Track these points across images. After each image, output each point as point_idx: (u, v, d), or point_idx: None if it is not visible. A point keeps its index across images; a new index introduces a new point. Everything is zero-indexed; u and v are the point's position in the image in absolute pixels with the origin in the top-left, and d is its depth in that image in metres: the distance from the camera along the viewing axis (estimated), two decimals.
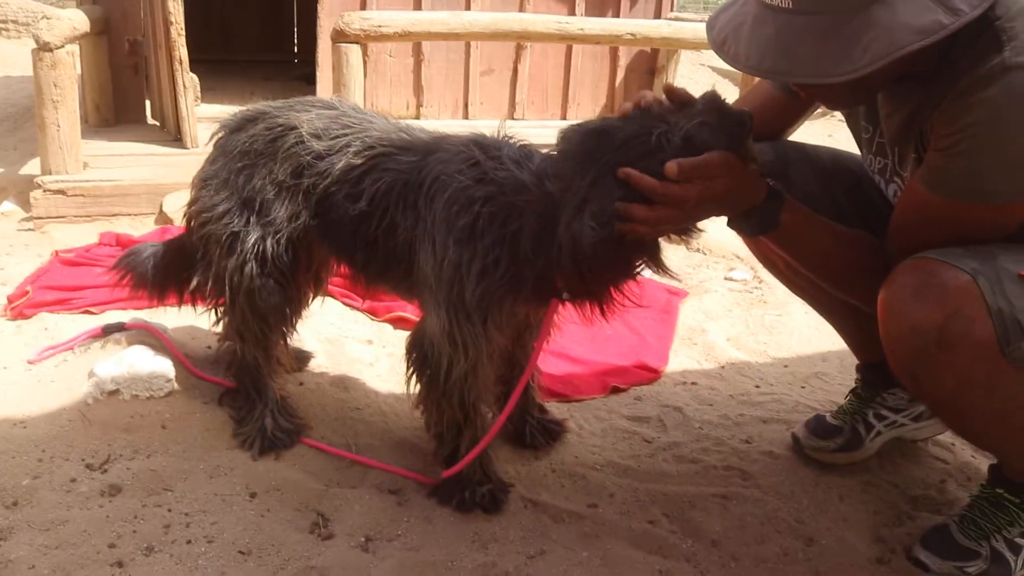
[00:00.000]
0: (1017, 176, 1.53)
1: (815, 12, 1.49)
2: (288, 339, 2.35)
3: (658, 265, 1.77)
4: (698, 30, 5.08)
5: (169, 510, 1.91)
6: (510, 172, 1.80)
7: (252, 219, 2.06)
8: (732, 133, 1.65)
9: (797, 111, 2.15)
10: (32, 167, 4.50)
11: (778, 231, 1.78)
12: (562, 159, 1.72)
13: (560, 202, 1.68)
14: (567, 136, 1.72)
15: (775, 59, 1.53)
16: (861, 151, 2.02)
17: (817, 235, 1.82)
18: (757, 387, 2.73)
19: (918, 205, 1.67)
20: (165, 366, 2.32)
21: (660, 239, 1.75)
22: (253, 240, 2.05)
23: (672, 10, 6.86)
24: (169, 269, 2.41)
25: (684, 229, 1.75)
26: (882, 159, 1.90)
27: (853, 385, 2.37)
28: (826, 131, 6.66)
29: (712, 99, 1.67)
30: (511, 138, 1.91)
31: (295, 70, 9.62)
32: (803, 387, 2.76)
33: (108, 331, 2.57)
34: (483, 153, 1.85)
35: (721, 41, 1.65)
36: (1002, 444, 1.81)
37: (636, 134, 1.63)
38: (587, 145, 1.67)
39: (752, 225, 1.79)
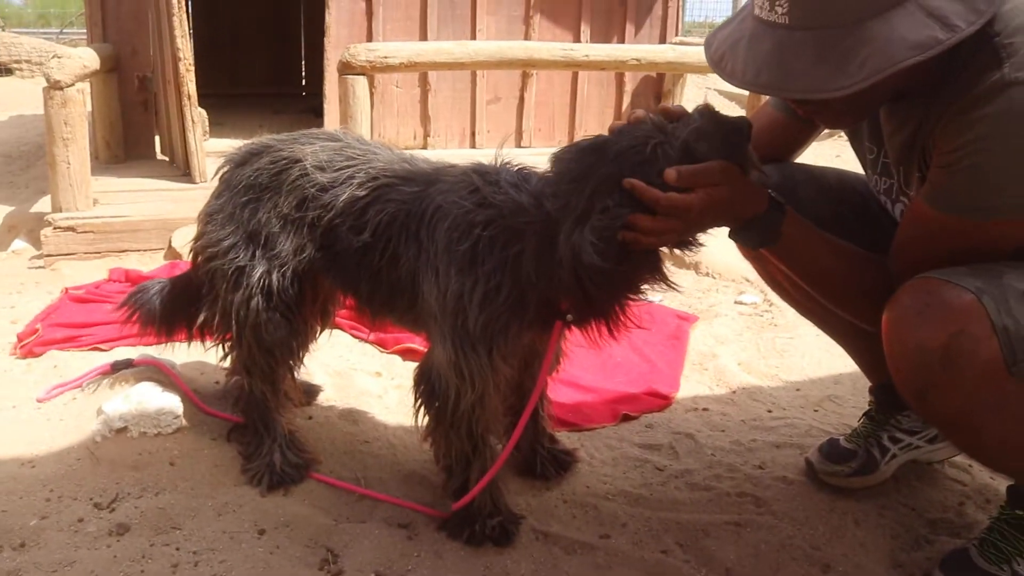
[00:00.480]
0: (1015, 192, 1.52)
1: (812, 27, 1.49)
2: (296, 373, 2.34)
3: (661, 278, 1.76)
4: (703, 55, 5.09)
5: (177, 549, 1.90)
6: (508, 195, 1.79)
7: (258, 253, 2.06)
8: (730, 141, 1.65)
9: (803, 134, 2.14)
10: (43, 205, 4.54)
11: (779, 244, 1.77)
12: (558, 177, 1.72)
13: (559, 220, 1.67)
14: (561, 155, 1.73)
15: (771, 74, 1.53)
16: (866, 172, 2.01)
17: (819, 250, 1.81)
18: (769, 412, 2.70)
19: (921, 222, 1.66)
20: (173, 402, 2.32)
21: (662, 252, 1.74)
22: (259, 274, 2.05)
23: (677, 35, 6.89)
24: (177, 305, 2.41)
25: (685, 241, 1.75)
26: (887, 179, 1.89)
27: (867, 407, 2.34)
28: (833, 151, 6.64)
29: (708, 110, 1.67)
30: (509, 163, 1.90)
31: (303, 103, 9.72)
32: (816, 410, 2.73)
33: (117, 368, 2.57)
34: (482, 179, 1.85)
35: (719, 58, 1.66)
36: (1014, 465, 1.78)
37: (631, 145, 1.63)
38: (583, 161, 1.67)
39: (753, 236, 1.77)
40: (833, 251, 1.81)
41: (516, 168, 1.89)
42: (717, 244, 2.11)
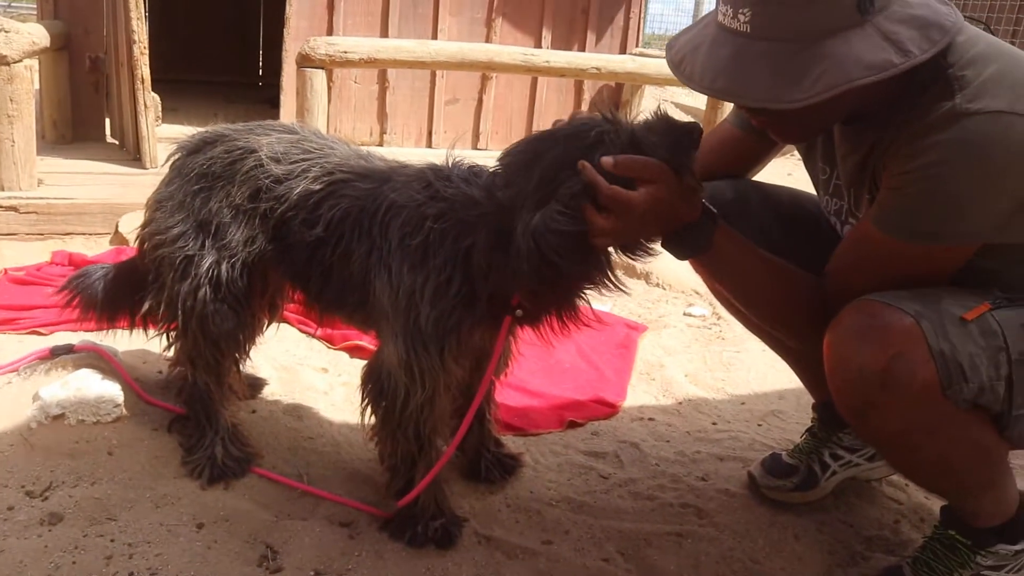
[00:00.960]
0: (962, 219, 1.56)
1: (772, 39, 1.51)
2: (241, 366, 2.31)
3: (609, 277, 1.77)
4: (662, 66, 5.13)
5: (112, 540, 1.85)
6: (459, 189, 1.80)
7: (207, 242, 2.02)
8: (679, 141, 1.66)
9: (760, 151, 2.17)
10: None
11: (709, 255, 1.78)
12: (508, 168, 1.73)
13: (512, 208, 1.67)
14: (510, 149, 1.76)
15: (728, 80, 1.56)
16: (818, 192, 2.04)
17: (750, 265, 1.83)
18: (714, 424, 2.73)
19: (865, 243, 1.69)
20: (113, 390, 2.27)
21: (612, 257, 1.76)
22: (208, 264, 2.02)
23: (637, 46, 6.95)
24: (120, 292, 2.36)
25: (631, 246, 1.75)
26: (838, 200, 1.92)
27: (809, 424, 2.37)
28: (785, 169, 6.74)
29: (662, 112, 1.72)
30: (461, 161, 1.90)
31: (260, 93, 9.62)
32: (760, 425, 2.76)
33: (56, 353, 2.50)
34: (434, 175, 1.86)
35: (679, 60, 1.68)
36: (947, 486, 1.83)
37: (578, 131, 1.66)
38: (531, 150, 1.70)
39: (685, 244, 1.77)
40: (765, 267, 1.83)
41: (467, 166, 1.89)
42: (668, 255, 2.12)
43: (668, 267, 3.95)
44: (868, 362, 1.59)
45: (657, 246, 1.77)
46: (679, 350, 3.34)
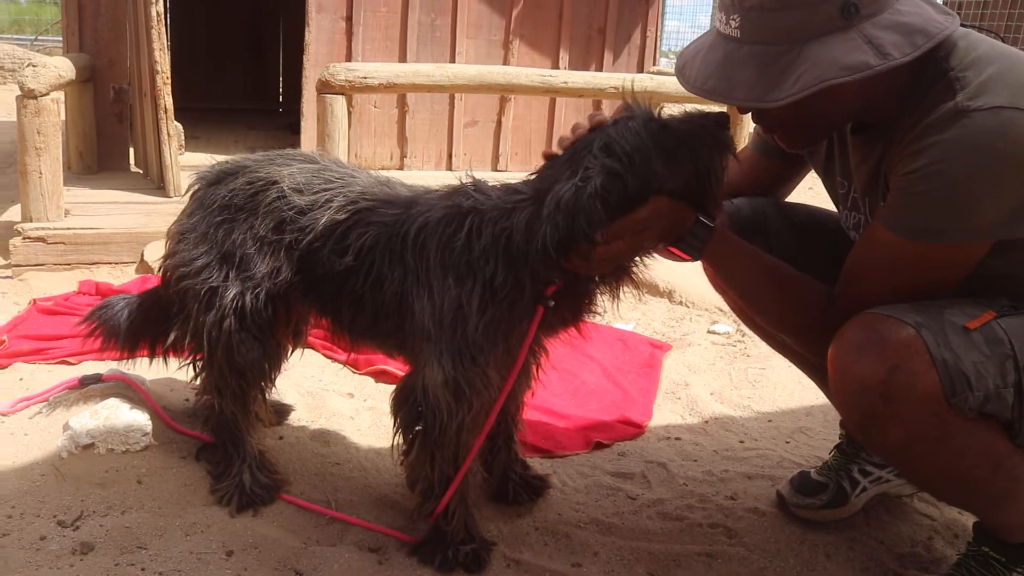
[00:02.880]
0: (969, 215, 1.57)
1: (758, 42, 1.59)
2: (267, 393, 2.31)
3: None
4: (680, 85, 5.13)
5: (143, 569, 1.86)
6: (495, 190, 1.87)
7: (231, 274, 2.04)
8: (710, 129, 1.76)
9: (781, 174, 2.19)
10: (12, 214, 4.48)
11: (705, 259, 1.83)
12: (545, 167, 1.81)
13: (548, 190, 1.72)
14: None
15: (717, 81, 1.63)
16: (838, 208, 2.04)
17: (748, 268, 1.86)
18: (741, 442, 2.71)
19: (875, 244, 1.70)
20: (142, 419, 2.28)
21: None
22: (232, 295, 2.03)
23: (655, 64, 6.96)
24: (143, 323, 2.38)
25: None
26: (856, 214, 1.92)
27: (837, 440, 2.36)
28: (806, 183, 6.72)
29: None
30: (485, 180, 1.95)
31: (280, 119, 9.68)
32: (788, 442, 2.74)
33: (85, 383, 2.53)
34: (465, 189, 1.91)
35: (681, 66, 1.76)
36: (964, 498, 1.82)
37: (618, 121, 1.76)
38: (567, 152, 1.76)
39: (679, 248, 1.83)
40: (765, 271, 1.85)
41: (494, 184, 1.94)
42: (691, 273, 2.13)
43: (692, 285, 3.94)
44: (868, 374, 1.60)
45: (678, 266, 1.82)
46: (704, 368, 3.32)
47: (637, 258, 1.85)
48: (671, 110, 1.83)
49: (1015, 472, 1.69)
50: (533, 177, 1.84)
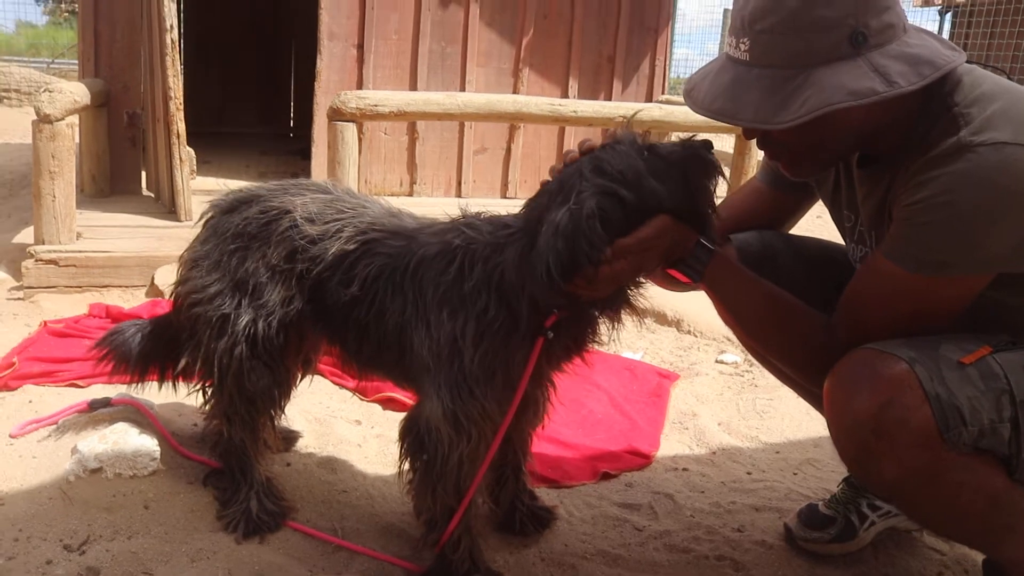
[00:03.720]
0: (970, 248, 1.58)
1: (767, 66, 1.62)
2: (276, 420, 2.32)
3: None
4: (689, 114, 5.15)
5: None
6: (487, 226, 1.88)
7: (244, 301, 2.05)
8: (697, 150, 1.76)
9: (788, 206, 2.20)
10: (25, 236, 4.51)
11: (705, 284, 1.83)
12: (536, 196, 1.80)
13: (539, 220, 1.71)
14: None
15: (724, 102, 1.66)
16: (845, 241, 2.05)
17: (749, 293, 1.86)
18: (749, 474, 2.70)
19: (875, 274, 1.71)
20: (150, 444, 2.29)
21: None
22: (244, 323, 2.04)
23: (664, 93, 6.99)
24: (153, 348, 2.40)
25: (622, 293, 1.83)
26: (863, 247, 1.93)
27: (846, 473, 2.34)
28: (814, 212, 6.73)
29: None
30: (484, 212, 1.97)
31: (291, 144, 9.74)
32: (795, 474, 2.73)
33: (94, 406, 2.54)
34: (461, 223, 1.92)
35: (690, 89, 1.78)
36: (962, 534, 1.81)
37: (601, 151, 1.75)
38: (556, 180, 1.76)
39: (680, 271, 1.82)
40: (768, 299, 1.85)
41: (492, 214, 1.95)
42: (699, 302, 2.13)
43: (700, 314, 3.94)
44: (861, 410, 1.60)
45: (684, 296, 1.81)
46: (712, 398, 3.32)
47: (638, 281, 1.84)
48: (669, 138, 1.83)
49: (1015, 507, 1.68)
50: (523, 209, 1.84)
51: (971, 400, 1.57)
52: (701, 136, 1.82)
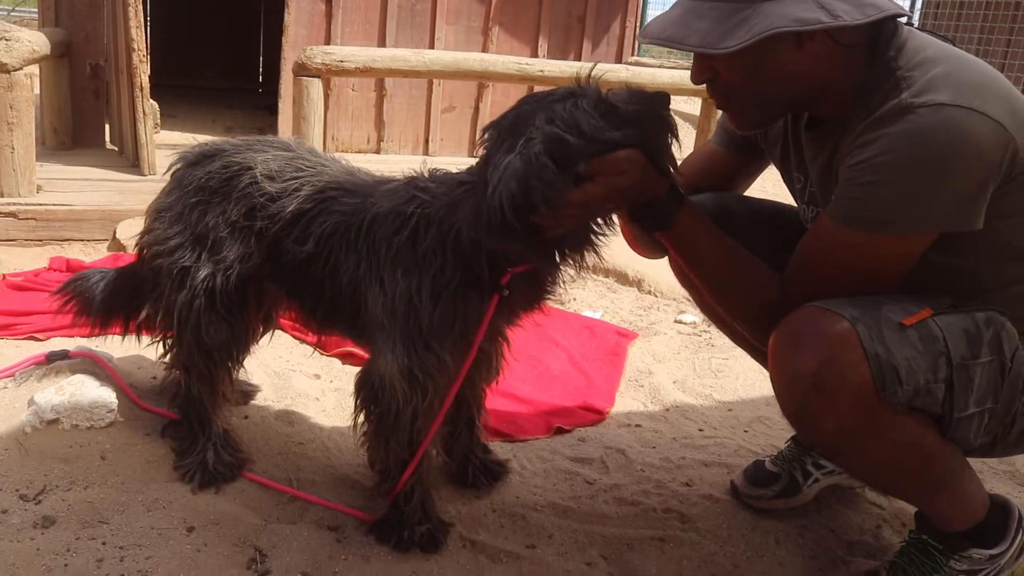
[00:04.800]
0: (910, 207, 1.62)
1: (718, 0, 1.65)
2: (235, 374, 2.33)
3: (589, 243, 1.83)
4: (656, 75, 5.18)
5: (103, 543, 1.89)
6: (439, 183, 1.88)
7: (204, 255, 2.06)
8: (652, 113, 1.76)
9: (742, 169, 2.23)
10: None
11: (671, 232, 1.85)
12: (489, 142, 1.76)
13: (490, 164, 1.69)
14: (490, 125, 1.79)
15: (674, 30, 1.69)
16: (797, 203, 2.09)
17: (714, 245, 1.88)
18: (701, 430, 2.76)
19: (821, 234, 1.75)
20: (107, 396, 2.30)
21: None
22: (203, 276, 2.05)
23: (634, 54, 6.99)
24: (117, 297, 2.39)
25: (590, 227, 1.81)
26: (814, 208, 1.97)
27: (794, 431, 2.40)
28: (761, 184, 6.78)
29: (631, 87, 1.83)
30: (439, 169, 1.96)
31: (259, 99, 9.64)
32: (746, 431, 2.79)
33: (52, 359, 2.54)
34: (415, 180, 1.92)
35: (646, 26, 1.83)
36: (897, 489, 1.90)
37: (550, 93, 1.74)
38: (507, 117, 1.74)
39: (646, 220, 1.85)
40: (731, 252, 1.88)
41: (444, 171, 1.95)
42: (661, 263, 2.17)
43: (660, 275, 3.99)
44: (802, 366, 1.65)
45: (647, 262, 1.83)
46: (669, 357, 3.37)
47: (604, 220, 1.82)
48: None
49: (946, 464, 1.76)
50: (476, 163, 1.82)
51: (909, 360, 1.62)
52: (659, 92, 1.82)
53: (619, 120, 1.72)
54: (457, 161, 1.75)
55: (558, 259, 1.83)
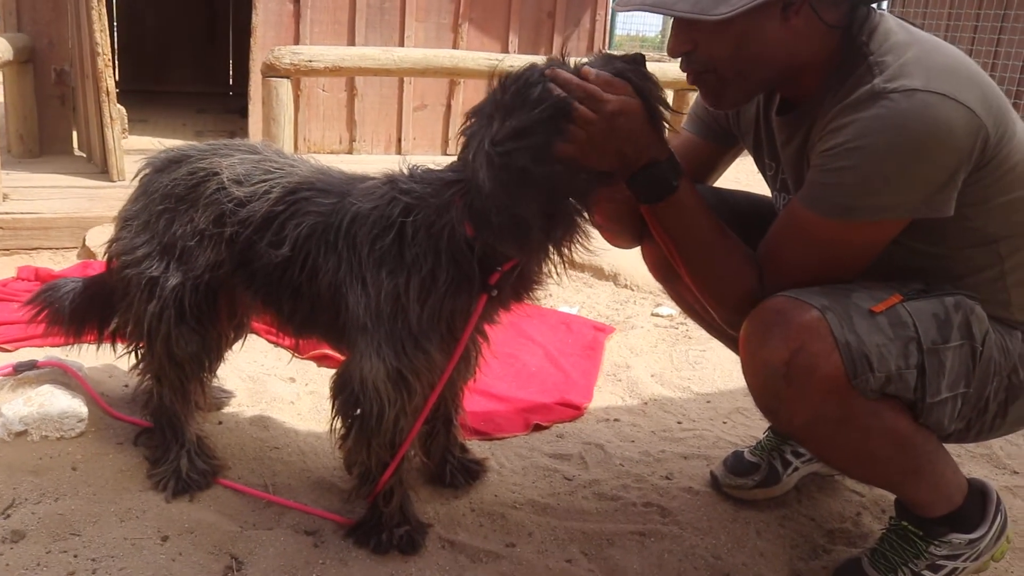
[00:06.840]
0: (879, 193, 1.61)
1: None
2: (207, 382, 2.30)
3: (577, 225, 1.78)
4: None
5: (75, 556, 1.86)
6: (423, 182, 1.83)
7: (172, 265, 2.02)
8: (636, 70, 1.71)
9: (715, 156, 2.22)
10: None
11: (671, 205, 1.78)
12: (468, 131, 1.75)
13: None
14: (470, 111, 1.77)
15: None
16: (770, 189, 2.09)
17: (704, 222, 1.82)
18: (679, 423, 2.76)
19: (792, 220, 1.74)
20: (77, 406, 2.27)
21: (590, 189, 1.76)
22: (172, 286, 2.01)
23: (605, 48, 6.98)
24: (88, 306, 2.36)
25: (590, 175, 1.74)
26: (786, 195, 1.97)
27: None
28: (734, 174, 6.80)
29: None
30: (418, 165, 1.92)
31: (230, 103, 9.57)
32: (725, 423, 2.79)
33: (20, 369, 2.50)
34: (395, 178, 1.88)
35: None
36: (872, 476, 1.90)
37: (524, 73, 1.71)
38: (485, 105, 1.73)
39: (651, 183, 1.76)
40: (718, 231, 1.83)
41: (425, 167, 1.91)
42: (636, 256, 2.16)
43: (637, 269, 3.98)
44: (773, 356, 1.65)
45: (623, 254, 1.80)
46: (646, 350, 3.37)
47: (593, 188, 1.76)
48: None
49: (921, 450, 1.75)
50: (458, 158, 1.80)
51: (879, 347, 1.62)
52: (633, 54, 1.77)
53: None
54: (430, 159, 1.73)
55: (549, 249, 1.79)
